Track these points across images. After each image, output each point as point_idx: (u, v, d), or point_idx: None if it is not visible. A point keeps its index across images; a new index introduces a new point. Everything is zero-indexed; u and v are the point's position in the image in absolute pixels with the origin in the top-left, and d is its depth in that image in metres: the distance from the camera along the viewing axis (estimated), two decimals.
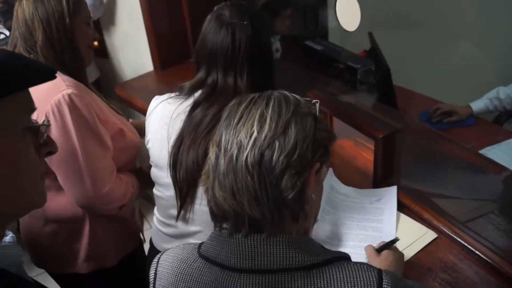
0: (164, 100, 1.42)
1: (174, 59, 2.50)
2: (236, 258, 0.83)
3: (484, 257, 1.30)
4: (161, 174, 1.41)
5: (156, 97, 1.47)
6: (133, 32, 2.53)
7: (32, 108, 0.74)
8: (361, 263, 0.84)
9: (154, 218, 1.53)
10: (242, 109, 0.84)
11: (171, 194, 1.39)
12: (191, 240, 1.40)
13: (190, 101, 1.36)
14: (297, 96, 0.88)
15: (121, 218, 1.61)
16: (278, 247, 0.81)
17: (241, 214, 0.82)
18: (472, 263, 1.31)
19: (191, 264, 0.88)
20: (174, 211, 1.40)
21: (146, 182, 1.60)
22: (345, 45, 2.43)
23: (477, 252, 1.32)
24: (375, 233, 1.40)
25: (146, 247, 2.03)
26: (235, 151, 0.81)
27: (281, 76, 2.50)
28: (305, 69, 2.51)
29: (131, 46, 2.62)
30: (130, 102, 2.30)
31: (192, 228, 1.40)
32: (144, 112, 2.20)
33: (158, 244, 1.52)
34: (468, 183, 1.63)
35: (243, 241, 0.83)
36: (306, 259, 0.81)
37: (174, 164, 1.34)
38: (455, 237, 1.37)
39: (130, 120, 1.86)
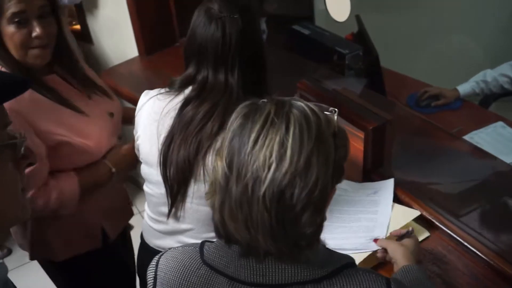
0: (154, 96, 1.39)
1: (159, 44, 2.46)
2: (247, 273, 0.82)
3: (473, 249, 1.33)
4: (151, 171, 1.39)
5: (146, 92, 1.44)
6: (117, 16, 2.47)
7: (6, 122, 0.72)
8: (368, 271, 0.85)
9: (145, 214, 1.52)
10: (258, 129, 0.76)
11: (161, 192, 1.38)
12: (182, 237, 1.40)
13: (180, 98, 1.34)
14: (317, 112, 0.81)
15: (75, 217, 1.58)
16: (289, 264, 0.81)
17: (254, 246, 0.79)
18: (461, 255, 1.34)
19: (194, 271, 0.87)
20: (165, 209, 1.39)
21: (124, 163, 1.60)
22: (331, 27, 2.41)
23: (465, 243, 1.35)
24: (368, 223, 1.41)
25: (133, 233, 2.05)
26: (251, 182, 0.74)
27: (267, 60, 2.50)
28: (292, 53, 2.48)
29: (115, 31, 2.57)
30: (116, 90, 2.26)
31: (183, 226, 1.39)
32: (130, 100, 2.17)
33: (149, 240, 1.52)
34: (456, 172, 1.65)
35: (254, 263, 0.82)
36: (316, 272, 0.81)
37: (165, 162, 1.33)
38: (444, 228, 1.39)
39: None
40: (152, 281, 0.93)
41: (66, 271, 1.75)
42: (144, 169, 1.43)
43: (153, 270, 0.94)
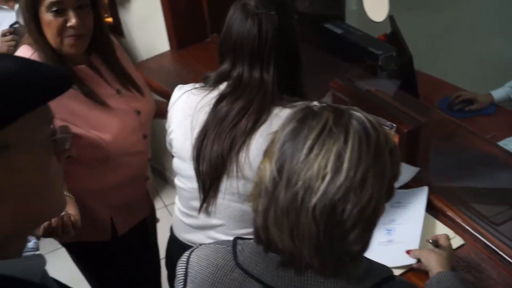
0: (188, 91, 1.39)
1: (190, 39, 2.46)
2: (284, 283, 0.80)
3: (508, 258, 1.30)
4: (184, 165, 1.39)
5: (180, 86, 1.44)
6: (150, 10, 2.48)
7: (50, 118, 0.71)
8: (406, 283, 0.83)
9: (175, 208, 1.52)
10: (314, 137, 0.73)
11: (193, 186, 1.37)
12: (213, 233, 1.40)
13: (215, 93, 1.34)
14: (376, 125, 0.77)
15: (85, 209, 1.55)
16: (329, 278, 0.79)
17: (297, 257, 0.77)
18: (496, 264, 1.31)
19: (228, 273, 0.86)
20: (196, 203, 1.39)
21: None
22: (362, 27, 2.38)
23: (501, 252, 1.31)
24: (401, 234, 1.37)
25: (160, 226, 2.06)
26: (301, 191, 0.71)
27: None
28: (323, 51, 2.46)
29: (147, 25, 2.57)
30: (147, 83, 2.27)
31: (214, 221, 1.39)
32: (160, 93, 2.18)
33: (178, 234, 1.52)
34: (491, 179, 1.61)
35: (293, 274, 0.81)
36: (356, 287, 0.79)
37: (198, 157, 1.33)
38: (479, 236, 1.36)
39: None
40: (183, 277, 0.92)
41: (79, 256, 1.78)
42: (177, 163, 1.43)
43: (184, 266, 0.93)
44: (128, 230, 1.78)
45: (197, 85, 1.40)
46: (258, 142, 1.26)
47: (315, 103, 1.25)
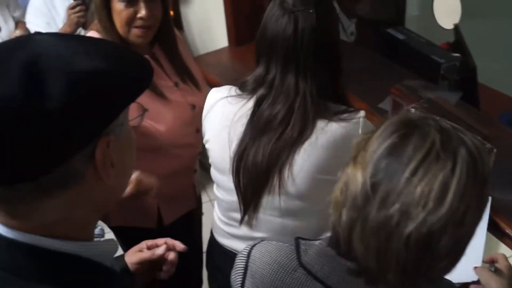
0: (224, 98, 1.30)
1: (249, 36, 2.45)
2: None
3: None
4: (223, 178, 1.34)
5: (215, 89, 1.36)
6: (211, 6, 2.51)
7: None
8: None
9: (215, 214, 1.48)
10: (420, 160, 0.68)
11: (233, 199, 1.32)
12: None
13: (251, 103, 1.25)
14: (483, 154, 0.72)
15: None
16: None
17: (375, 274, 0.74)
18: None
19: (290, 272, 0.85)
20: (237, 215, 1.34)
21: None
22: (421, 32, 2.33)
23: None
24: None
25: (205, 220, 2.07)
26: (397, 215, 0.67)
27: (355, 61, 2.46)
28: (382, 56, 2.42)
29: (207, 20, 2.60)
30: (205, 77, 2.29)
31: (256, 234, 1.34)
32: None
33: (219, 239, 1.48)
34: None
35: (363, 284, 0.79)
36: None
37: (237, 170, 1.26)
38: None
39: None
40: (243, 270, 0.92)
41: (124, 240, 1.78)
42: (215, 175, 1.38)
43: (245, 260, 0.93)
44: (173, 220, 1.80)
45: (233, 90, 1.30)
46: (302, 158, 1.20)
47: (362, 113, 1.21)
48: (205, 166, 3.14)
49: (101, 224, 1.74)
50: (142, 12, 1.45)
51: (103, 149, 0.65)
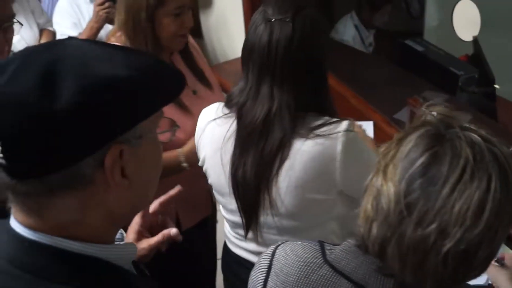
0: (212, 121, 1.27)
1: None
2: (377, 285, 0.79)
3: None
4: (224, 200, 1.32)
5: (204, 111, 1.32)
6: (230, 15, 2.54)
7: (162, 112, 0.74)
8: None
9: (225, 227, 1.47)
10: (455, 180, 0.68)
11: (236, 219, 1.30)
12: None
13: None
14: (511, 163, 0.72)
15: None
16: None
17: (411, 285, 0.75)
18: None
19: (316, 269, 0.85)
20: (243, 232, 1.32)
21: None
22: (439, 44, 2.33)
23: None
24: None
25: (219, 227, 2.07)
26: (435, 234, 0.68)
27: (373, 72, 2.47)
28: (399, 67, 2.43)
29: (226, 28, 2.63)
30: (222, 85, 2.32)
31: (263, 249, 1.32)
32: None
33: (231, 248, 1.45)
34: None
35: (392, 284, 0.80)
36: None
37: (235, 193, 1.24)
38: None
39: None
40: (266, 269, 0.92)
41: None
42: (217, 196, 1.36)
43: (268, 259, 0.93)
44: (191, 226, 1.82)
45: (220, 110, 1.26)
46: (284, 180, 1.17)
47: (344, 125, 1.13)
48: None
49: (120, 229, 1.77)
50: (190, 22, 1.51)
51: (113, 157, 0.64)
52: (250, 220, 1.27)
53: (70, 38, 0.73)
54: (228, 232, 1.44)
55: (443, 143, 0.70)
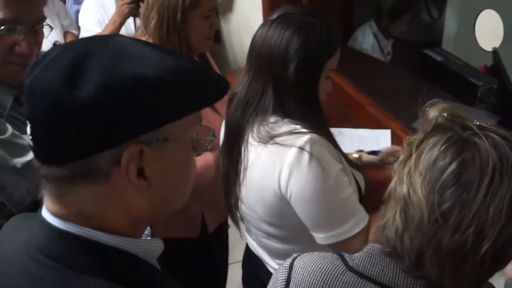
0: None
1: None
2: (407, 285, 0.80)
3: None
4: None
5: None
6: (250, 21, 2.56)
7: (200, 119, 0.74)
8: None
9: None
10: (488, 183, 0.70)
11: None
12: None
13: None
14: None
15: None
16: None
17: (447, 286, 0.77)
18: None
19: (338, 277, 0.84)
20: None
21: None
22: (457, 53, 2.33)
23: None
24: None
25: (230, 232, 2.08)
26: (472, 237, 0.71)
27: (391, 81, 2.47)
28: (418, 77, 2.43)
29: (246, 34, 2.66)
30: None
31: (261, 251, 1.40)
32: None
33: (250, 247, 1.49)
34: None
35: (423, 285, 0.80)
36: None
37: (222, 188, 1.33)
38: None
39: None
40: (284, 283, 0.91)
41: (166, 252, 1.81)
42: None
43: (286, 272, 0.92)
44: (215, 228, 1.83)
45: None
46: (249, 182, 1.21)
47: (302, 140, 1.09)
48: None
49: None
50: (218, 25, 1.55)
51: (129, 155, 0.64)
52: (232, 216, 1.34)
53: (116, 35, 0.74)
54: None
55: (469, 148, 0.72)
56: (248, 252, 1.50)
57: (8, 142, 1.16)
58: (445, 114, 0.77)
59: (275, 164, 1.13)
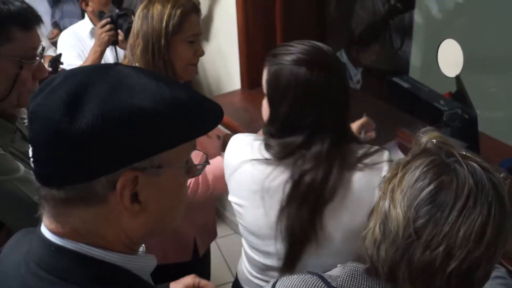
0: (248, 161, 1.29)
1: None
2: None
3: None
4: (258, 242, 1.33)
5: (236, 146, 1.35)
6: (226, 50, 2.64)
7: (194, 145, 0.77)
8: None
9: (244, 268, 1.48)
10: (461, 207, 0.76)
11: (270, 263, 1.33)
12: None
13: (283, 170, 1.24)
14: (505, 188, 0.80)
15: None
16: None
17: None
18: None
19: None
20: (273, 273, 1.34)
21: None
22: (424, 82, 2.45)
23: None
24: None
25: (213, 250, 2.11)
26: (441, 256, 0.76)
27: (361, 108, 2.57)
28: (386, 103, 2.54)
29: (221, 62, 2.73)
30: None
31: None
32: (229, 127, 2.29)
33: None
34: None
35: None
36: None
37: (281, 236, 1.26)
38: None
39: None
40: None
41: (157, 278, 1.82)
42: (248, 237, 1.36)
43: None
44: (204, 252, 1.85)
45: (256, 151, 1.29)
46: (334, 218, 1.22)
47: (386, 155, 1.22)
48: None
49: None
50: (202, 51, 1.59)
51: (124, 181, 0.67)
52: (294, 261, 1.28)
53: (116, 64, 0.78)
54: (250, 274, 1.43)
55: (448, 172, 0.78)
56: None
57: (24, 179, 1.17)
58: (434, 140, 0.83)
59: (371, 182, 1.19)
